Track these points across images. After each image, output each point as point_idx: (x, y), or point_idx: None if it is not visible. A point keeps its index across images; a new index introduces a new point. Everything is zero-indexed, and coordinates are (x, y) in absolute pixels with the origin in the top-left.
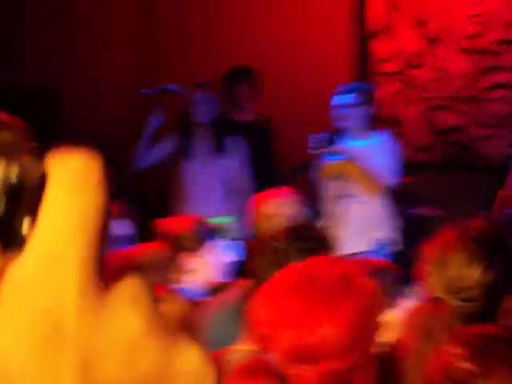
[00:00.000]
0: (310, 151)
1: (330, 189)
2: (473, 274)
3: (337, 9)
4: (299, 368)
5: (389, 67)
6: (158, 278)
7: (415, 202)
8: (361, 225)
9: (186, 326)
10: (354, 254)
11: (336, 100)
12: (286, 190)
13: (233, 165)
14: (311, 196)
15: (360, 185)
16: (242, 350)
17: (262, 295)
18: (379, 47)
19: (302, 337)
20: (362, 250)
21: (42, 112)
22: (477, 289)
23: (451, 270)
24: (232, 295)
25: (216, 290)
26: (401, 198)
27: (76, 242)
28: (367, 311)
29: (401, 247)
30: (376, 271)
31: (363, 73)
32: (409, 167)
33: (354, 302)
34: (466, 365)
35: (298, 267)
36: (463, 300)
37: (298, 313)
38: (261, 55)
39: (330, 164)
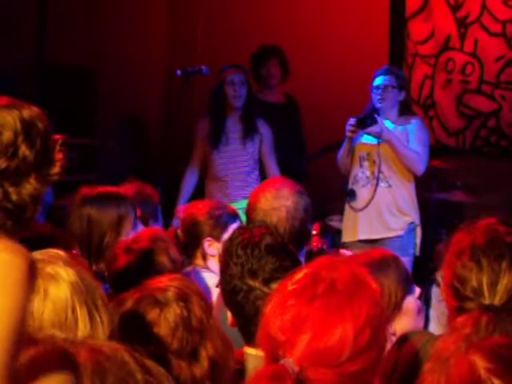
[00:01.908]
0: (346, 133)
1: (361, 171)
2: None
3: None
4: (318, 372)
5: (424, 49)
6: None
7: (446, 187)
8: (390, 208)
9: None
10: (383, 239)
11: (375, 81)
12: (283, 180)
13: (262, 148)
14: (340, 177)
15: (392, 167)
16: (255, 355)
17: (273, 301)
18: (415, 30)
19: (320, 340)
20: (392, 234)
21: (77, 90)
22: None
23: (487, 276)
24: None
25: None
26: (431, 182)
27: None
28: (379, 309)
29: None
30: (385, 262)
31: (400, 54)
32: (441, 151)
33: (366, 302)
34: (496, 381)
35: (307, 270)
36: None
37: (313, 317)
38: (296, 35)
39: (363, 145)
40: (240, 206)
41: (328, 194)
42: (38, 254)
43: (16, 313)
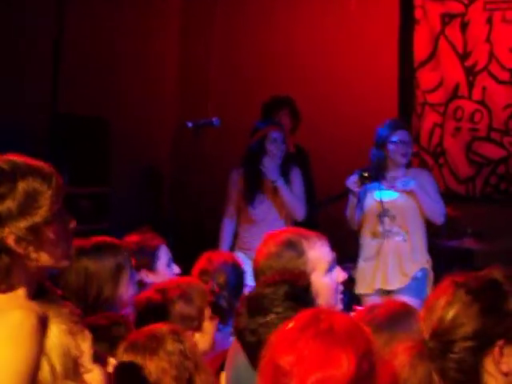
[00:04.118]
0: (352, 186)
1: (381, 227)
2: (458, 328)
3: (384, 40)
4: None
5: (433, 98)
6: (190, 312)
7: (456, 234)
8: (403, 261)
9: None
10: (396, 290)
11: (398, 135)
12: (294, 229)
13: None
14: (348, 229)
15: (410, 220)
16: None
17: (278, 336)
18: (424, 79)
19: (327, 369)
20: (401, 285)
21: (90, 140)
22: (460, 342)
23: (435, 315)
24: None
25: None
26: (442, 229)
27: None
28: (373, 347)
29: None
30: (401, 314)
31: (409, 103)
32: (451, 198)
33: (363, 339)
34: None
35: (310, 312)
36: (444, 351)
37: (318, 350)
38: (307, 86)
39: (380, 202)
40: None
41: (338, 242)
42: None
43: (25, 367)
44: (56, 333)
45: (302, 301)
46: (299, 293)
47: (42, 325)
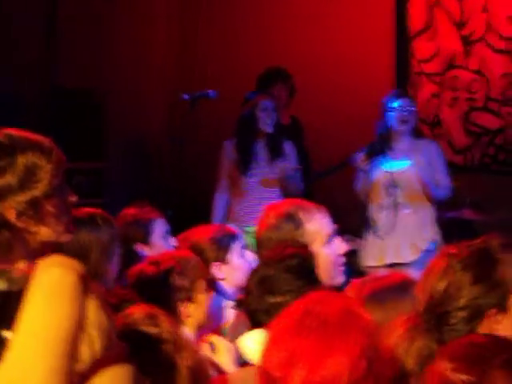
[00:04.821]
0: (360, 165)
1: (388, 198)
2: (451, 300)
3: (380, 9)
4: None
5: (430, 68)
6: (183, 284)
7: (454, 204)
8: (412, 233)
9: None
10: (404, 264)
11: (397, 102)
12: (294, 201)
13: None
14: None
15: (417, 192)
16: None
17: (268, 338)
18: (420, 48)
19: (316, 373)
20: (413, 258)
21: (84, 114)
22: (454, 313)
23: (428, 287)
24: None
25: None
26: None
27: (45, 355)
28: (372, 340)
29: None
30: (393, 288)
31: (405, 73)
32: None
33: (359, 333)
34: (462, 377)
35: (301, 305)
36: (439, 322)
37: (308, 352)
38: (301, 56)
39: (388, 173)
40: None
41: (334, 214)
42: None
43: (64, 328)
44: (93, 308)
45: (313, 276)
46: (310, 267)
47: (84, 284)
